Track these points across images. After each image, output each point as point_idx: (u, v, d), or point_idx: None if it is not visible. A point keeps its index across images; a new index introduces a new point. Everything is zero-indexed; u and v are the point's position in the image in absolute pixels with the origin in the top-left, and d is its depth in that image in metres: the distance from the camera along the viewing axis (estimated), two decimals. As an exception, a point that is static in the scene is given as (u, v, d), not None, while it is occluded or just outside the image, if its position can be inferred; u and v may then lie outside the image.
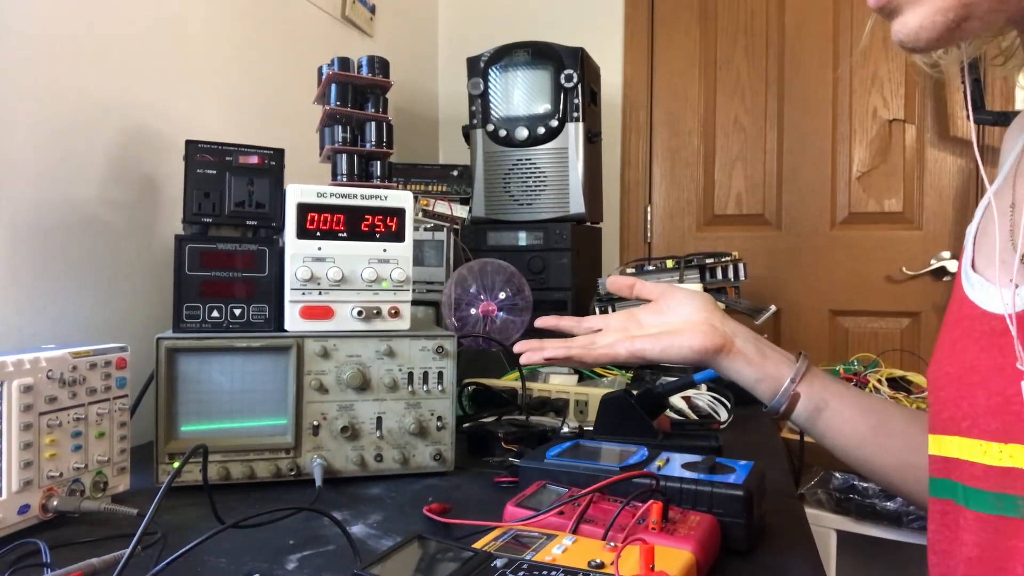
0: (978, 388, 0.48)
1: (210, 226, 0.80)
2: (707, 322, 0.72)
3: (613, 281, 0.83)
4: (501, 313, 1.17)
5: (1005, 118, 1.67)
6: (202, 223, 0.80)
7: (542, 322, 0.82)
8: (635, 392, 0.85)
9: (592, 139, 1.57)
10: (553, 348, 0.73)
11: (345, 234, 0.80)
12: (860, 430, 0.68)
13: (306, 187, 0.78)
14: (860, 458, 0.69)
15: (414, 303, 0.86)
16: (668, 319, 0.75)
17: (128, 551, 0.50)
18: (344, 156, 1.01)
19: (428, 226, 1.38)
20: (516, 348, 0.76)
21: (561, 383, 1.09)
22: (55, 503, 0.63)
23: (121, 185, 1.03)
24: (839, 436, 0.69)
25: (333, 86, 1.00)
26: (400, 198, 0.82)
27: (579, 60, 1.51)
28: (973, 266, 0.54)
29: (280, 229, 0.81)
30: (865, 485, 1.38)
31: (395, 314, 0.82)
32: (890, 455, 0.67)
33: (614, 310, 1.32)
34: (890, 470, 0.68)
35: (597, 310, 1.36)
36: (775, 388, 0.70)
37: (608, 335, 0.76)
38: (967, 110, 1.83)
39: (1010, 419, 0.46)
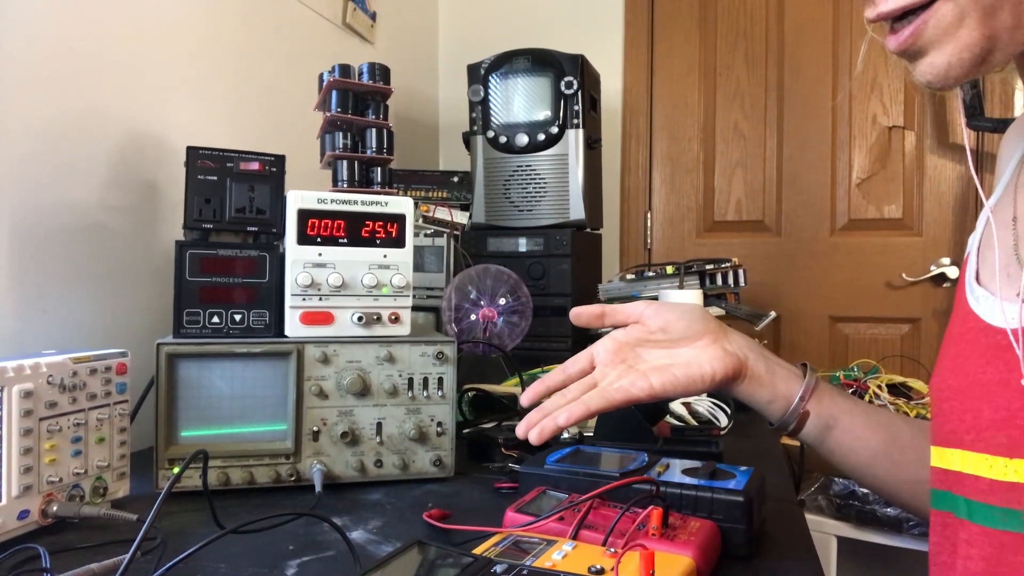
0: (983, 402, 0.48)
1: (211, 232, 0.80)
2: (717, 345, 0.67)
3: (578, 314, 0.72)
4: (501, 319, 1.17)
5: (1004, 125, 1.67)
6: (203, 229, 0.80)
7: (528, 400, 0.68)
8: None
9: (592, 145, 1.57)
10: (568, 411, 0.62)
11: (345, 240, 0.80)
12: (871, 447, 0.66)
13: (307, 193, 0.78)
14: (872, 475, 0.67)
15: (414, 309, 0.86)
16: (668, 342, 0.68)
17: (128, 556, 0.50)
18: (345, 162, 1.01)
19: (428, 232, 1.38)
20: (520, 433, 0.63)
21: (561, 389, 1.09)
22: (55, 508, 0.63)
23: (122, 190, 1.03)
24: (849, 454, 0.67)
25: (334, 93, 1.01)
26: (400, 204, 0.82)
27: (579, 67, 1.51)
28: (977, 278, 0.53)
29: (280, 235, 0.81)
30: (865, 491, 1.38)
31: (395, 320, 0.82)
32: (903, 471, 0.65)
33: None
34: (903, 487, 0.66)
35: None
36: (785, 407, 0.67)
37: (609, 372, 0.67)
38: (963, 119, 1.84)
39: (1016, 434, 0.45)
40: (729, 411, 1.08)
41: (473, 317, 1.17)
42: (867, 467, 0.67)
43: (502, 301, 1.17)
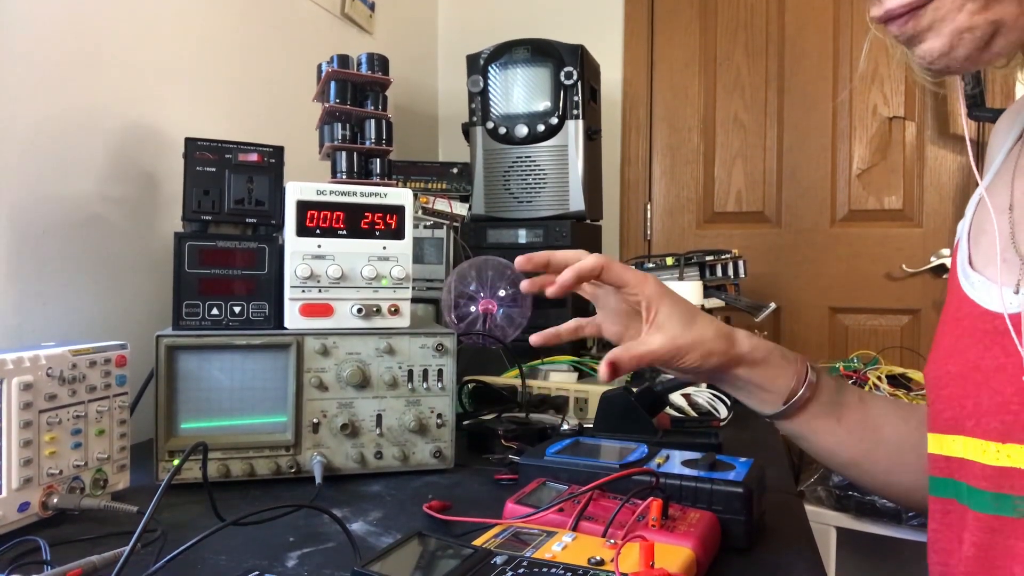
0: (982, 387, 0.48)
1: (210, 223, 0.80)
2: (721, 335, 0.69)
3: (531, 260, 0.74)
4: (501, 311, 1.17)
5: (1005, 115, 1.66)
6: (202, 220, 0.80)
7: (538, 339, 0.72)
8: (635, 389, 0.85)
9: (592, 136, 1.56)
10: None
11: (345, 232, 0.80)
12: (846, 455, 0.68)
13: (306, 185, 0.78)
14: (846, 474, 0.71)
15: (414, 301, 0.86)
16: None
17: (128, 548, 0.50)
18: (344, 154, 1.01)
19: (428, 224, 1.38)
20: (526, 288, 0.72)
21: (561, 380, 1.09)
22: (55, 500, 0.63)
23: (121, 182, 1.02)
24: (828, 459, 0.70)
25: (332, 83, 1.00)
26: (400, 196, 0.82)
27: (579, 57, 1.51)
28: (971, 264, 0.53)
29: (280, 227, 0.81)
30: (865, 482, 1.38)
31: (395, 312, 0.82)
32: (876, 475, 0.68)
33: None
34: (877, 485, 0.70)
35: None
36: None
37: (614, 322, 0.74)
38: (963, 109, 1.83)
39: (1009, 419, 0.45)
40: (729, 402, 1.08)
41: (473, 309, 1.17)
42: (843, 468, 0.70)
43: (502, 293, 1.17)
